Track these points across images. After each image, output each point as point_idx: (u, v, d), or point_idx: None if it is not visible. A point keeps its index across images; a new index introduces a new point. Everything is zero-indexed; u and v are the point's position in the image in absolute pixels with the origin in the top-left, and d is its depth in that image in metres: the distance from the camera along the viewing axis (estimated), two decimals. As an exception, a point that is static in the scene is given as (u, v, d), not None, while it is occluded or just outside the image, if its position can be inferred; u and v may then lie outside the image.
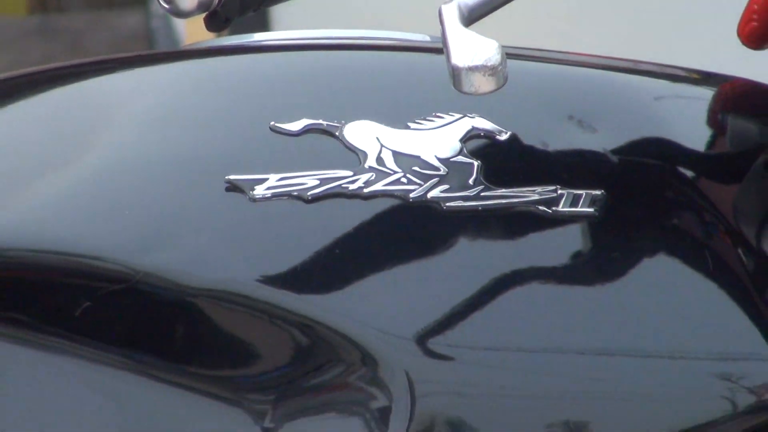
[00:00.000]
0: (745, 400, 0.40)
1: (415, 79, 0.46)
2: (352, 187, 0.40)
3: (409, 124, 0.43)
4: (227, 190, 0.40)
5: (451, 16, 0.38)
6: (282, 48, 0.48)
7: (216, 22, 0.39)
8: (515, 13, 0.45)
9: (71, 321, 0.39)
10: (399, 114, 0.43)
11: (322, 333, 0.39)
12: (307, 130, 0.42)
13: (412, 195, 0.40)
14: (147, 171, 0.41)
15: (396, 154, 0.42)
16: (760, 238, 0.41)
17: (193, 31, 1.45)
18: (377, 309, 0.40)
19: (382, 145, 0.42)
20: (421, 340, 0.40)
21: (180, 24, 1.99)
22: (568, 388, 0.40)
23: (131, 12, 2.40)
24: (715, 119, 0.45)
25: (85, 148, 0.41)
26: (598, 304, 0.41)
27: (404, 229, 0.40)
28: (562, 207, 0.40)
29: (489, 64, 0.37)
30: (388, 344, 0.39)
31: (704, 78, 0.47)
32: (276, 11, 1.58)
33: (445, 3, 0.39)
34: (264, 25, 1.50)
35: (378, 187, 0.40)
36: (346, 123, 0.42)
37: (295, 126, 0.42)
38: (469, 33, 0.38)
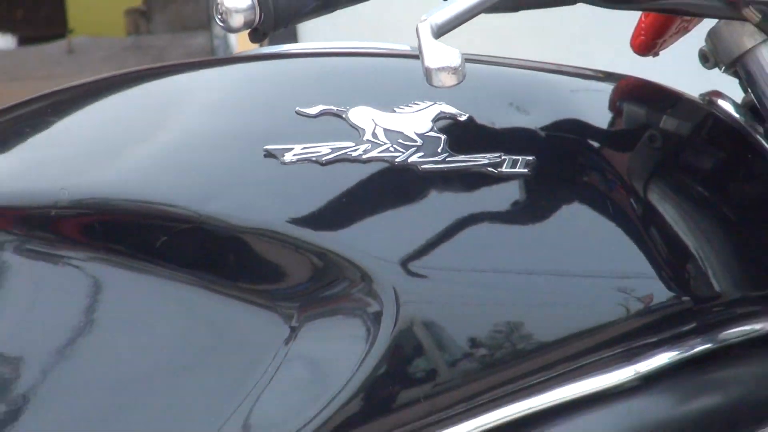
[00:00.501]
0: (634, 305, 0.53)
1: (399, 77, 0.60)
2: (354, 154, 0.54)
3: (395, 109, 0.56)
4: (265, 156, 0.53)
5: (425, 31, 0.52)
6: (304, 55, 0.61)
7: (257, 35, 0.53)
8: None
9: (154, 251, 0.52)
10: (388, 102, 0.56)
11: (333, 258, 0.52)
12: (321, 114, 0.56)
13: (397, 160, 0.54)
14: (208, 143, 0.55)
15: (386, 131, 0.55)
16: (646, 190, 0.54)
17: (242, 44, 1.61)
18: (372, 241, 0.53)
19: (375, 124, 0.55)
20: (405, 264, 0.53)
21: (233, 39, 2.54)
22: (507, 298, 0.53)
23: (200, 33, 3.06)
24: (614, 106, 0.58)
25: (164, 128, 0.55)
26: (530, 238, 0.54)
27: (392, 185, 0.54)
28: (505, 168, 0.54)
29: (452, 65, 0.50)
30: (380, 266, 0.53)
31: (608, 76, 0.60)
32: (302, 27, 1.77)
33: (421, 21, 0.52)
34: (293, 38, 1.65)
35: (373, 154, 0.54)
36: (349, 108, 0.56)
37: (313, 110, 0.56)
38: (438, 43, 0.51)
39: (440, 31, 0.53)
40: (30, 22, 1.85)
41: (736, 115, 0.57)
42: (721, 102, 0.57)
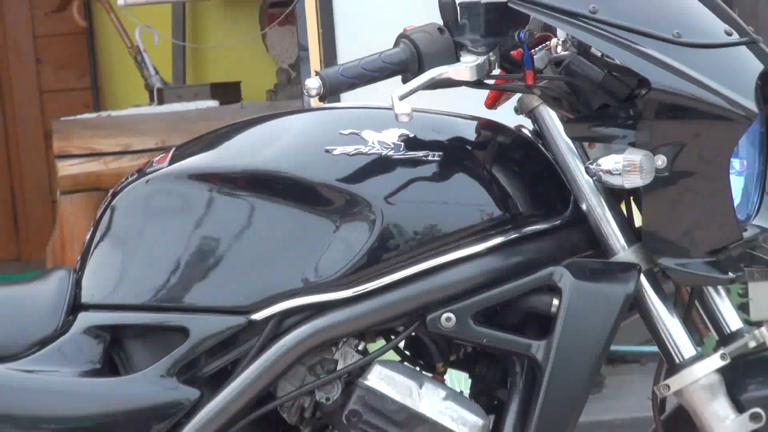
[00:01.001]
0: (483, 217, 1.20)
1: (385, 116, 1.23)
2: (366, 150, 1.18)
3: (382, 131, 1.21)
4: (325, 152, 1.18)
5: (395, 98, 1.17)
6: (339, 108, 1.28)
7: (323, 99, 1.18)
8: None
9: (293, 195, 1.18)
10: (378, 127, 1.21)
11: (341, 192, 1.17)
12: (350, 134, 1.20)
13: (382, 153, 1.19)
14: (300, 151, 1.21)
15: (379, 141, 1.20)
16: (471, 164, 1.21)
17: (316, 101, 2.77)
18: (367, 186, 1.17)
19: (374, 138, 1.20)
20: (388, 197, 1.18)
21: (312, 100, 3.52)
22: (429, 216, 1.20)
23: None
24: (476, 131, 1.24)
25: (270, 138, 1.20)
26: (429, 189, 1.21)
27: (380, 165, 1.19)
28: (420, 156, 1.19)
29: (405, 113, 1.15)
30: (372, 197, 1.17)
31: (475, 119, 1.26)
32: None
33: (393, 93, 1.18)
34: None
35: (373, 151, 1.19)
36: (361, 131, 1.20)
37: (346, 131, 1.21)
38: (400, 103, 1.16)
39: (402, 98, 1.18)
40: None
41: (529, 135, 1.25)
42: (524, 129, 1.24)
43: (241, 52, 3.77)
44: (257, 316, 1.20)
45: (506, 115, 1.25)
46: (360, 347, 1.23)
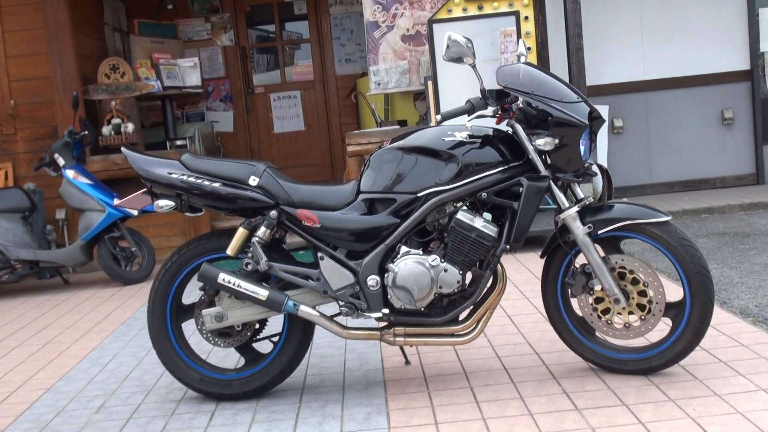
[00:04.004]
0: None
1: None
2: (457, 139, 3.19)
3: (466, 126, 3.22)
4: (443, 139, 3.21)
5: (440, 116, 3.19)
6: (447, 125, 3.31)
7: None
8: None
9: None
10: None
11: (448, 153, 3.18)
12: (451, 133, 3.23)
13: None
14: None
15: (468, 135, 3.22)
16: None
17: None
18: (457, 150, 3.16)
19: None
20: (464, 154, 3.17)
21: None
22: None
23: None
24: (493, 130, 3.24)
25: (423, 133, 3.24)
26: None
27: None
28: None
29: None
30: (459, 154, 3.17)
31: (492, 128, 3.24)
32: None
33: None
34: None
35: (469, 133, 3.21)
36: (455, 132, 3.22)
37: (449, 132, 3.23)
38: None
39: (469, 120, 3.17)
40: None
41: (510, 133, 3.22)
42: (515, 128, 3.23)
43: (406, 110, 7.16)
44: (419, 194, 3.15)
45: (502, 127, 3.25)
46: (454, 205, 3.20)
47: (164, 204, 3.24)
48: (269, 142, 10.27)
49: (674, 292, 3.57)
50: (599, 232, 3.12)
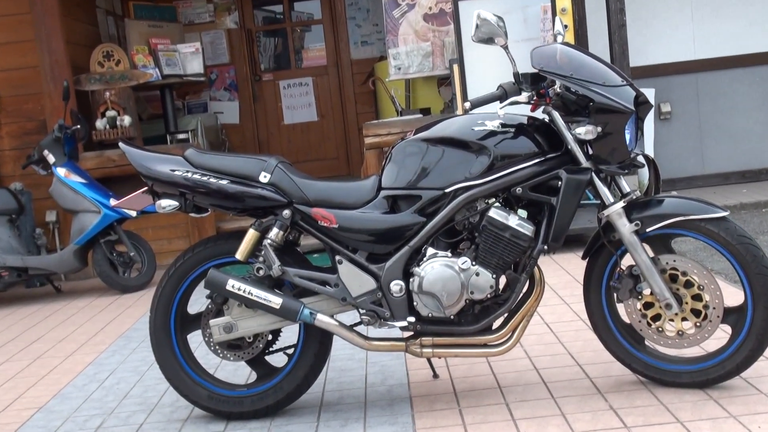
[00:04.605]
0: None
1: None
2: (487, 128, 3.20)
3: (499, 114, 3.22)
4: (471, 129, 3.22)
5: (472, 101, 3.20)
6: (476, 113, 3.32)
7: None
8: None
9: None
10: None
11: (478, 143, 3.19)
12: (481, 122, 3.23)
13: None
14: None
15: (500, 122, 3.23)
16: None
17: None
18: (488, 141, 3.18)
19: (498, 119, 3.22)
20: (495, 144, 3.18)
21: (459, 111, 6.63)
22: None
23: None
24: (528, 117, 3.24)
25: (449, 123, 3.25)
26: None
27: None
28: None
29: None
30: (490, 144, 3.18)
31: (527, 116, 3.25)
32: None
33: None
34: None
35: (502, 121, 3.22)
36: (485, 121, 3.23)
37: (479, 121, 3.23)
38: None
39: (501, 108, 3.19)
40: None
41: (547, 120, 3.22)
42: (552, 116, 3.23)
43: (430, 96, 7.54)
44: (447, 190, 3.19)
45: (538, 114, 3.25)
46: (486, 201, 3.21)
47: (167, 204, 3.27)
48: (279, 134, 10.34)
49: (733, 295, 3.59)
50: (648, 230, 3.13)
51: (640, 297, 3.18)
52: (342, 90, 10.26)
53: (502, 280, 3.18)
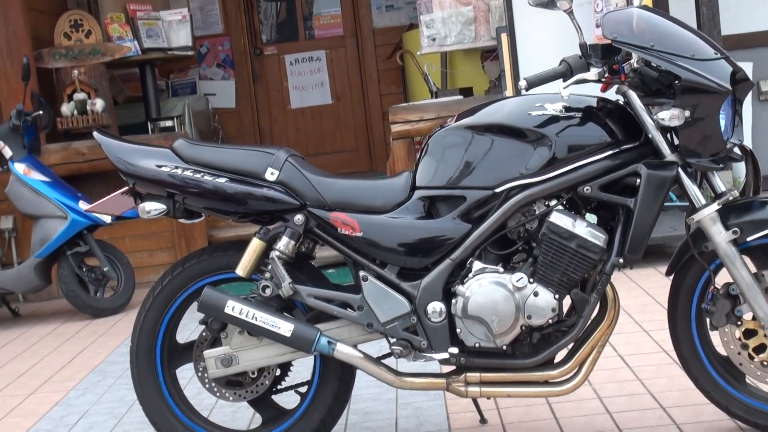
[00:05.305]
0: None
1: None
2: (547, 113, 3.20)
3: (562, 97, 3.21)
4: (528, 114, 3.20)
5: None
6: (533, 94, 3.31)
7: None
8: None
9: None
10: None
11: (537, 132, 3.18)
12: (540, 106, 3.22)
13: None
14: None
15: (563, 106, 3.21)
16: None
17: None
18: (548, 129, 3.16)
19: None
20: (557, 133, 3.17)
21: (507, 93, 7.06)
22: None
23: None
24: (599, 99, 3.23)
25: (498, 108, 3.25)
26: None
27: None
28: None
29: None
30: (551, 133, 3.17)
31: (597, 97, 3.24)
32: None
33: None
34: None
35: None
36: (544, 104, 3.22)
37: (537, 104, 3.22)
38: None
39: (564, 88, 3.17)
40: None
41: (621, 103, 3.20)
42: (629, 97, 3.21)
43: (472, 74, 7.62)
44: (498, 189, 3.18)
45: (610, 95, 3.24)
46: (546, 204, 3.19)
47: (152, 208, 3.29)
48: (284, 121, 10.38)
49: None
50: (748, 239, 3.11)
51: (739, 323, 3.16)
52: (362, 66, 10.31)
53: (567, 301, 3.18)
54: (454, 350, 3.18)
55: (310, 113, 10.40)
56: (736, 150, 3.16)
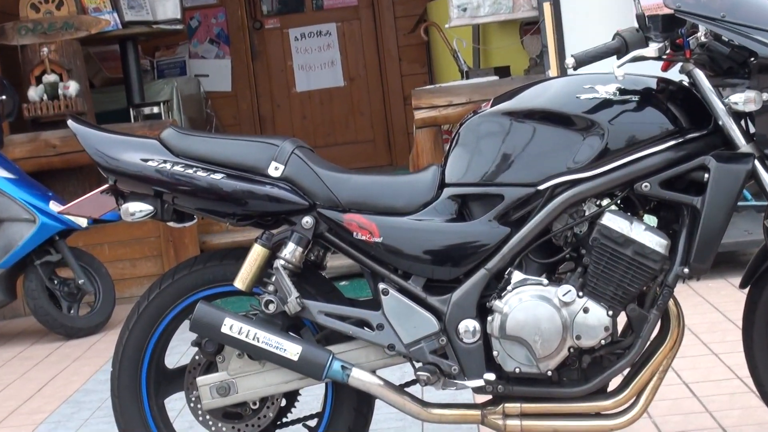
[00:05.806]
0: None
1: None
2: (598, 96, 3.19)
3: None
4: (576, 97, 3.20)
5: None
6: (582, 74, 3.31)
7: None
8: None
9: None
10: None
11: (586, 119, 3.17)
12: (590, 88, 3.22)
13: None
14: None
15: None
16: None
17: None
18: (600, 115, 3.14)
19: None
20: (610, 120, 3.17)
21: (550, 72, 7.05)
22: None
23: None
24: (659, 81, 3.22)
25: (541, 90, 3.25)
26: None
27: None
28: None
29: None
30: (603, 120, 3.17)
31: (656, 77, 3.22)
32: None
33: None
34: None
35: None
36: (595, 85, 3.21)
37: (587, 86, 3.22)
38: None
39: (618, 66, 3.16)
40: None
41: (686, 84, 3.18)
42: (695, 77, 3.17)
43: (509, 50, 7.66)
44: (541, 187, 3.15)
45: (672, 75, 3.22)
46: (597, 203, 3.18)
47: (137, 209, 3.28)
48: (288, 106, 10.39)
49: None
50: (838, 246, 3.09)
51: (828, 344, 3.15)
52: (380, 42, 10.30)
53: (622, 319, 3.17)
54: (491, 376, 3.16)
55: (318, 97, 10.40)
56: (821, 141, 3.16)
